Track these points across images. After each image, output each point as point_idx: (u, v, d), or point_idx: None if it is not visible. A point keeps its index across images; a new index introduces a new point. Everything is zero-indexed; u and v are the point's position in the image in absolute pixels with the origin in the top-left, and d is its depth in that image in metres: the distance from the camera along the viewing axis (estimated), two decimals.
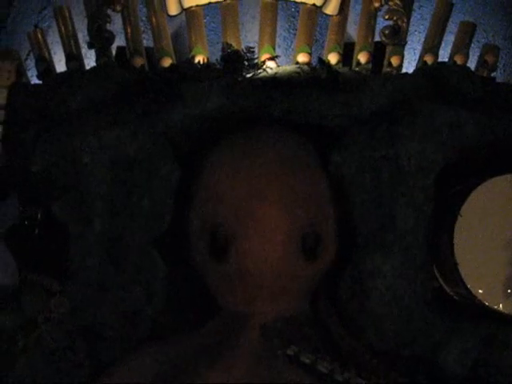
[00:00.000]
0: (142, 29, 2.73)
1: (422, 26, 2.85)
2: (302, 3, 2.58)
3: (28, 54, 3.07)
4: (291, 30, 2.89)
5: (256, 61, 2.22)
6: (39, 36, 2.74)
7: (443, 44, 2.63)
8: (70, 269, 2.08)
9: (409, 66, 2.66)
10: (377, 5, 2.58)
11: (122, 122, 2.03)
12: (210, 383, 1.84)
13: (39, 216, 2.16)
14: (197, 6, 2.60)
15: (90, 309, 2.07)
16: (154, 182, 2.05)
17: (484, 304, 2.03)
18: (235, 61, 2.14)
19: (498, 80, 2.75)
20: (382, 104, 2.15)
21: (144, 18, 2.78)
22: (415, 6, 2.70)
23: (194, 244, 2.10)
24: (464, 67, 2.40)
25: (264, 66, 2.21)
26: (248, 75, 2.14)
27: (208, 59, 2.36)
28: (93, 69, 2.30)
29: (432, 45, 2.60)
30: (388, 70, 2.53)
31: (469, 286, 2.02)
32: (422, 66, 2.51)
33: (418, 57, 2.65)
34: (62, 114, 2.07)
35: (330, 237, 2.05)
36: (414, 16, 2.74)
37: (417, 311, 2.06)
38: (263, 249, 1.93)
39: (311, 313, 2.09)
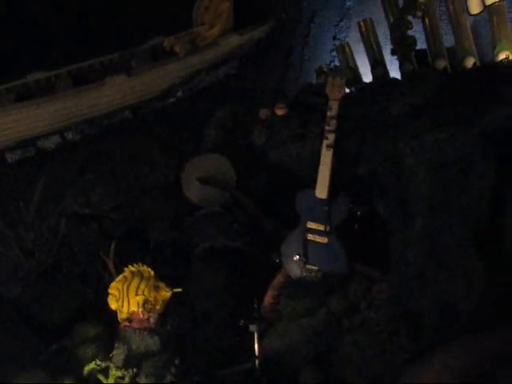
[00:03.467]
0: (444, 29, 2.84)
1: None
2: None
3: (329, 64, 3.40)
4: None
5: None
6: (346, 48, 3.02)
7: None
8: (391, 260, 2.28)
9: None
10: None
11: (441, 124, 2.16)
12: None
13: (358, 214, 2.41)
14: (500, 0, 2.62)
15: (410, 298, 2.23)
16: (471, 180, 2.14)
17: None
18: None
19: None
20: None
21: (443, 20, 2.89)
22: None
23: (509, 240, 2.13)
24: None
25: None
26: None
27: None
28: (409, 75, 2.46)
29: None
30: None
31: None
32: None
33: None
34: (383, 120, 2.27)
35: None
36: None
37: None
38: None
39: None
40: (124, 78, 3.32)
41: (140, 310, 2.35)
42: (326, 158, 2.34)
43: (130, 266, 2.42)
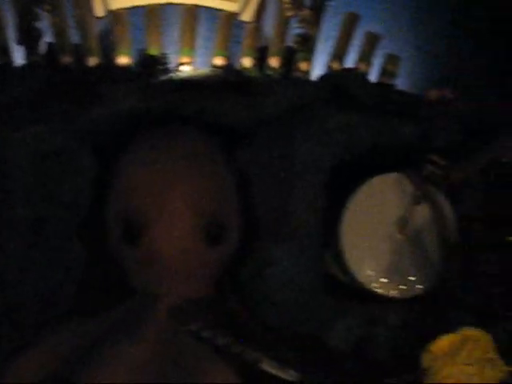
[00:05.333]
0: (71, 27, 2.89)
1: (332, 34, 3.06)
2: (219, 10, 2.79)
3: None
4: (214, 33, 3.08)
5: (171, 65, 2.43)
6: None
7: (350, 52, 2.88)
8: None
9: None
10: (290, 14, 2.81)
11: (44, 119, 2.21)
12: (119, 356, 2.03)
13: None
14: (122, 8, 2.78)
15: (12, 286, 2.24)
16: (72, 173, 2.25)
17: (366, 287, 2.33)
18: (149, 65, 2.34)
19: (404, 87, 2.99)
20: (284, 108, 2.39)
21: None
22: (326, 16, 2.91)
23: (109, 230, 2.29)
24: (361, 75, 2.65)
25: (179, 70, 2.42)
26: (162, 78, 2.35)
27: (129, 61, 2.55)
28: (20, 66, 2.45)
29: (339, 52, 2.85)
30: (297, 74, 2.75)
31: (352, 271, 2.31)
32: (326, 72, 2.75)
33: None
34: None
35: (232, 226, 2.28)
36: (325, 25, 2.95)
37: (310, 294, 2.34)
38: (170, 236, 2.14)
39: (216, 295, 2.30)
40: None
41: None
42: None
43: None
